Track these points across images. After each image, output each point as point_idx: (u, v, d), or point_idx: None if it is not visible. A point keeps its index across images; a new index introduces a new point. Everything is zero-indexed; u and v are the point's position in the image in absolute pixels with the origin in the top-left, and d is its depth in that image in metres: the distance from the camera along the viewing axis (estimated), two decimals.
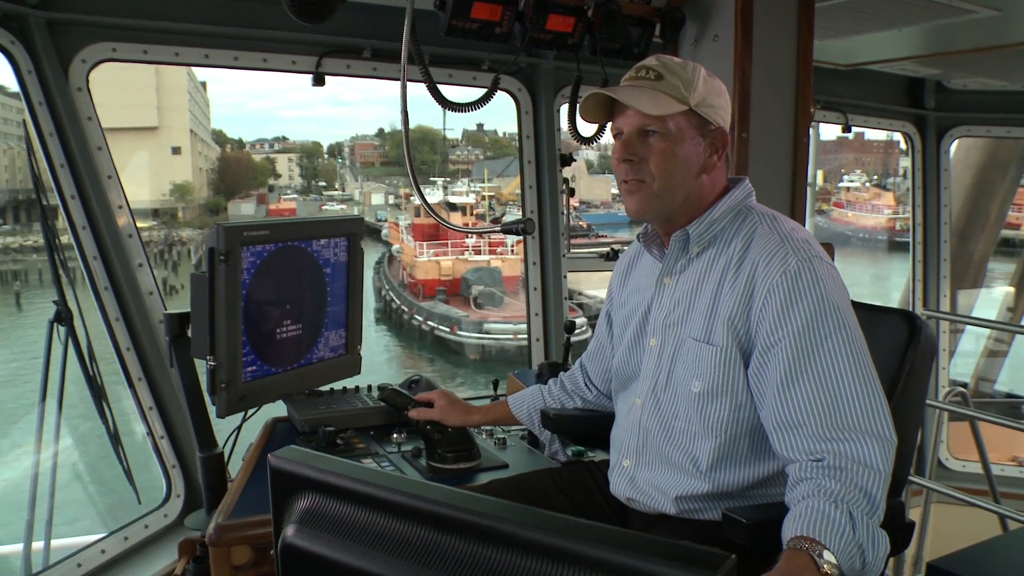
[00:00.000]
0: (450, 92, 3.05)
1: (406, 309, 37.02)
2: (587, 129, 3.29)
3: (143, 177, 59.33)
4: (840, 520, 1.69)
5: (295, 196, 74.46)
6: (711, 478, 2.07)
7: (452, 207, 46.17)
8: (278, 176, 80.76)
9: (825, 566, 1.62)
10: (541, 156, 4.21)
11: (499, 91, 3.25)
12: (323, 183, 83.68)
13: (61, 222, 3.41)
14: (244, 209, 65.32)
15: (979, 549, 2.44)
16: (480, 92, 3.15)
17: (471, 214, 47.85)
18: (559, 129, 4.22)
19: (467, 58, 3.92)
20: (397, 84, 2.88)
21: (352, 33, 3.67)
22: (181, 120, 63.77)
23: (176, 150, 64.14)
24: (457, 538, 1.05)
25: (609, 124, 2.21)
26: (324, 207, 69.54)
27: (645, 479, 2.19)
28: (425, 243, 39.41)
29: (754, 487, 2.07)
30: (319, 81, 3.68)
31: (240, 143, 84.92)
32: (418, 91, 3.01)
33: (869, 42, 4.17)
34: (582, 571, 0.95)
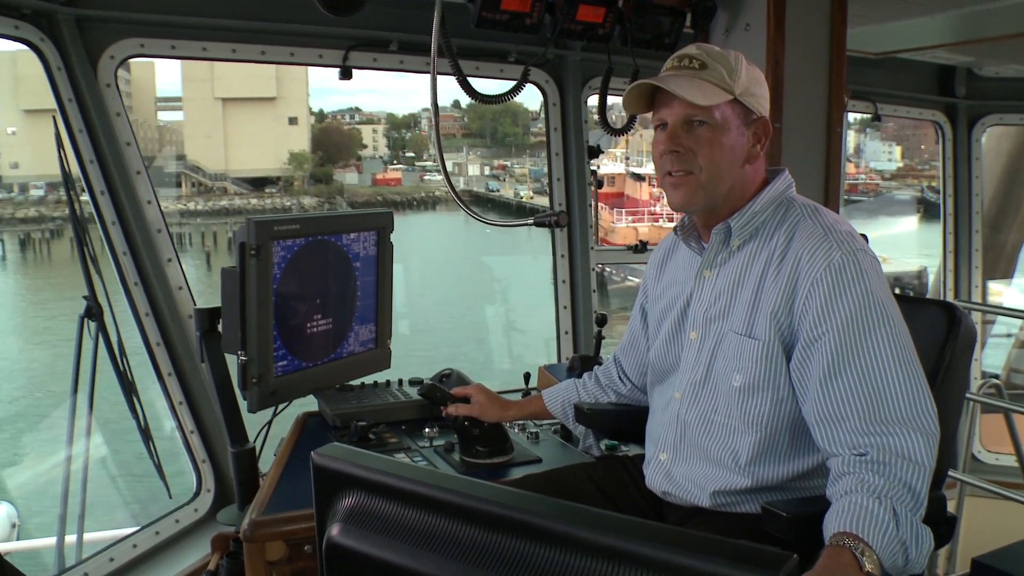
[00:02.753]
0: (477, 84, 3.03)
1: (611, 270, 37.32)
2: (617, 121, 3.28)
3: (265, 145, 62.62)
4: (884, 516, 1.67)
5: (400, 167, 75.44)
6: (750, 472, 2.05)
7: (638, 177, 46.53)
8: (364, 147, 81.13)
9: (867, 564, 1.61)
10: (569, 148, 4.19)
11: (526, 83, 3.22)
12: (411, 154, 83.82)
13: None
14: (348, 178, 67.17)
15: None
16: (507, 84, 3.13)
17: (651, 184, 48.90)
18: (587, 121, 4.19)
19: (494, 50, 3.90)
20: (485, 81, 2.86)
21: (379, 26, 3.66)
22: (298, 91, 65.93)
23: (293, 120, 66.13)
24: (508, 537, 1.03)
25: (649, 115, 2.18)
26: (425, 177, 70.79)
27: (682, 473, 2.18)
28: (623, 210, 40.51)
29: (794, 480, 2.05)
30: (346, 75, 3.68)
31: (321, 114, 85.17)
32: None
33: (900, 30, 4.11)
34: (639, 570, 0.93)
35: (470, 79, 2.92)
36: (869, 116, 5.12)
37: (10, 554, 4.36)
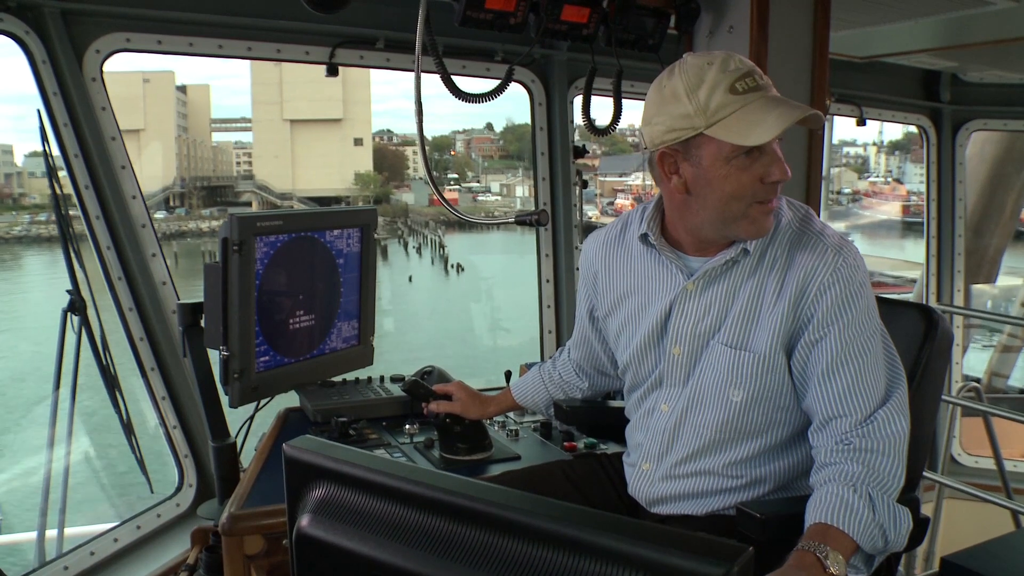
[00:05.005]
0: (463, 84, 3.04)
1: None
2: (601, 120, 3.29)
3: (331, 166, 65.57)
4: (858, 505, 1.75)
5: (456, 188, 76.82)
6: (746, 474, 2.08)
7: None
8: (407, 168, 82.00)
9: (832, 567, 1.66)
10: (554, 148, 4.20)
11: (512, 82, 3.23)
12: (455, 175, 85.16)
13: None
14: (405, 198, 68.60)
15: (994, 545, 2.42)
16: (493, 83, 3.14)
17: None
18: (572, 121, 4.21)
19: (480, 49, 3.90)
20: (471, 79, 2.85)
21: (365, 24, 3.66)
22: (364, 113, 69.21)
23: (358, 141, 68.85)
24: (472, 528, 1.04)
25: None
26: (478, 198, 71.95)
27: (668, 484, 2.17)
28: None
29: (786, 482, 2.09)
30: (332, 72, 3.68)
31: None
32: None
33: (885, 34, 4.13)
34: (598, 562, 0.94)
35: (457, 78, 2.93)
36: (854, 119, 5.15)
37: None
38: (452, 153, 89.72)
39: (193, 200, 65.97)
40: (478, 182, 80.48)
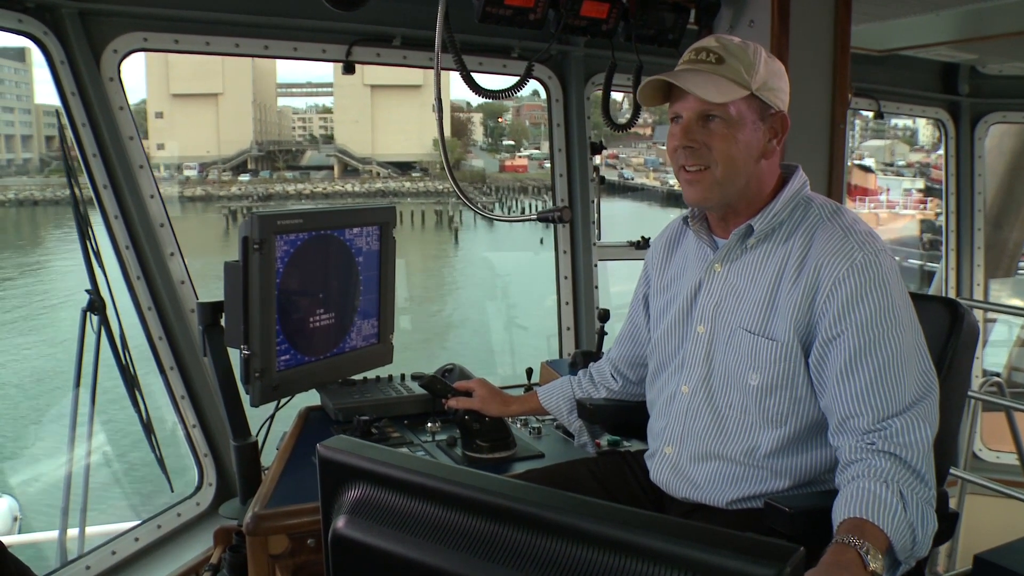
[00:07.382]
0: (480, 80, 3.03)
1: None
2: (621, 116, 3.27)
3: (409, 132, 67.26)
4: (891, 500, 1.73)
5: (527, 154, 79.35)
6: (767, 465, 2.06)
7: (866, 169, 46.90)
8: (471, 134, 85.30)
9: (872, 563, 1.63)
10: (572, 144, 4.18)
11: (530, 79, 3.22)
12: (511, 142, 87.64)
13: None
14: (475, 163, 70.72)
15: None
16: (509, 80, 3.12)
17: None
18: (589, 117, 4.19)
19: (497, 46, 3.89)
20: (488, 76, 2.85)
21: (382, 21, 3.66)
22: (444, 79, 71.37)
23: None
24: (513, 528, 1.03)
25: (665, 106, 2.15)
26: (544, 164, 72.90)
27: (690, 467, 2.17)
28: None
29: (811, 473, 2.07)
30: (349, 69, 3.68)
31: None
32: None
33: (904, 27, 4.10)
34: (645, 563, 0.93)
35: (473, 75, 2.93)
36: (872, 113, 5.12)
37: (12, 547, 4.36)
38: (499, 120, 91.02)
39: (279, 163, 68.22)
40: (537, 149, 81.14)
